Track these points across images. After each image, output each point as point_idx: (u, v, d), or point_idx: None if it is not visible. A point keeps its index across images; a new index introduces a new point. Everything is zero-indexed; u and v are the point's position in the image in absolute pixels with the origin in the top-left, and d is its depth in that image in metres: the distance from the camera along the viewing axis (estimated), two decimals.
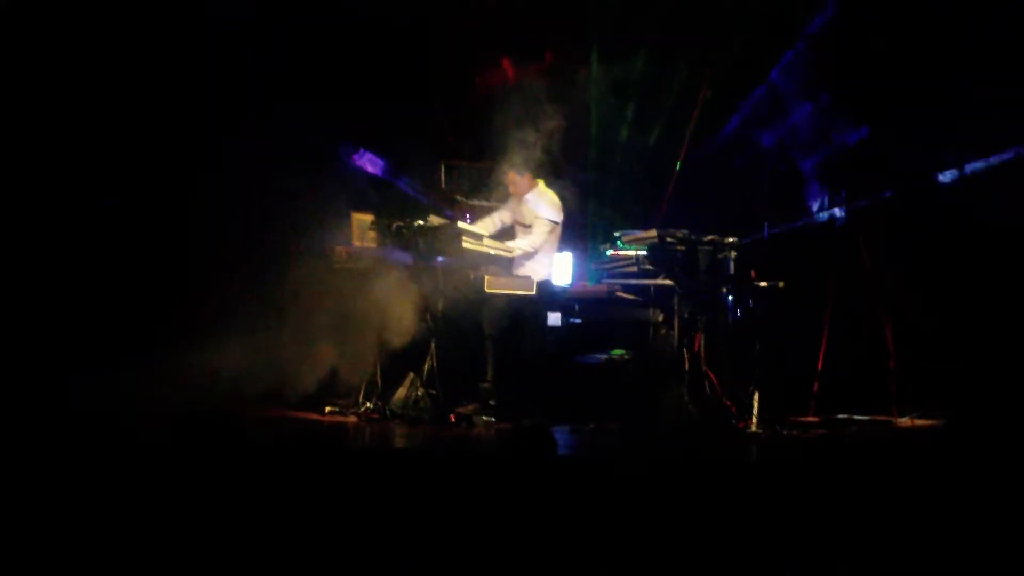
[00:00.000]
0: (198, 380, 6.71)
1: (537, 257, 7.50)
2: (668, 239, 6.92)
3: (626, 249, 7.15)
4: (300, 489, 2.95)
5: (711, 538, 4.51)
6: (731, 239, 6.92)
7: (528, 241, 7.45)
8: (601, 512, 4.36)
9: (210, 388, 6.66)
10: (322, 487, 2.96)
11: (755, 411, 6.82)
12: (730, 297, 6.99)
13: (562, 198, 7.64)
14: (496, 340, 7.23)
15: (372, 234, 7.21)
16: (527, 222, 7.54)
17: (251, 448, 3.05)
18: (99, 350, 6.92)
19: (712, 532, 4.54)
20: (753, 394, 6.85)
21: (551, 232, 7.52)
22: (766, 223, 7.89)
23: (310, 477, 2.96)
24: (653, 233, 6.99)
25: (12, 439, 4.96)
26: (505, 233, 7.64)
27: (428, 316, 7.06)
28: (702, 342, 6.93)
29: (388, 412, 7.00)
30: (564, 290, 7.78)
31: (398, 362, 7.18)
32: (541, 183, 7.61)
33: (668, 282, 6.97)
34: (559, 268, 7.88)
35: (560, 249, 7.80)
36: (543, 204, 7.53)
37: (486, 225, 7.63)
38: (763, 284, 7.02)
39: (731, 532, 4.54)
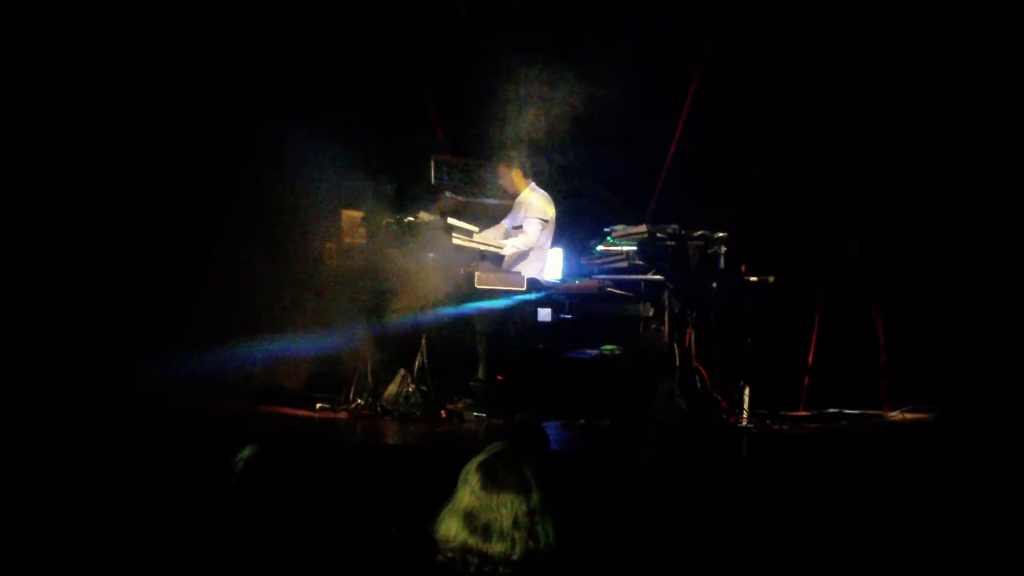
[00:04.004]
0: (188, 379, 6.70)
1: (530, 256, 7.51)
2: (658, 234, 6.93)
3: (616, 245, 7.16)
4: (290, 484, 2.94)
5: (701, 533, 4.51)
6: (721, 234, 6.93)
7: (522, 240, 7.46)
8: (592, 507, 4.35)
9: (201, 386, 6.65)
10: (312, 482, 2.96)
11: (746, 405, 6.84)
12: (720, 292, 7.00)
13: (553, 195, 7.66)
14: (487, 336, 7.23)
15: (362, 231, 7.20)
16: (519, 223, 7.55)
17: (241, 445, 3.04)
18: (92, 349, 6.90)
19: (702, 527, 4.54)
20: (744, 388, 6.87)
21: (543, 230, 7.52)
22: None
23: (300, 472, 2.96)
24: (643, 228, 7.00)
25: (12, 439, 4.94)
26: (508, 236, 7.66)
27: (419, 312, 7.04)
28: (692, 337, 6.95)
29: (379, 408, 7.00)
30: (554, 285, 7.78)
31: (389, 358, 7.17)
32: (532, 183, 7.62)
33: (658, 277, 6.97)
34: (551, 264, 7.88)
35: (551, 245, 7.81)
36: (534, 203, 7.54)
37: (496, 234, 7.63)
38: (753, 279, 7.03)
39: (721, 526, 4.55)
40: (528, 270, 7.39)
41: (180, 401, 6.24)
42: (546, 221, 7.53)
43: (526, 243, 7.44)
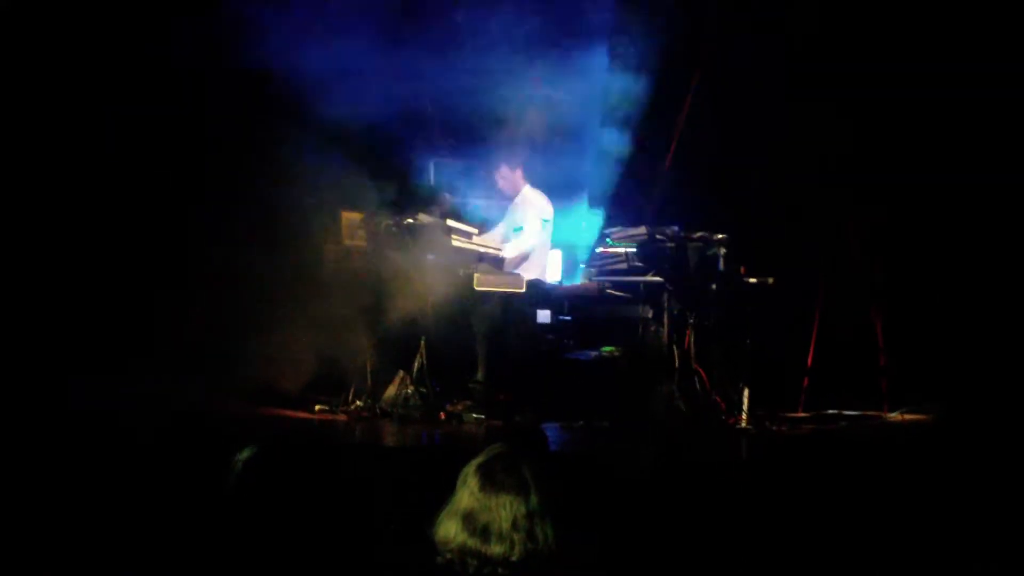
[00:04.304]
0: (188, 379, 6.69)
1: (532, 257, 7.51)
2: (658, 236, 6.93)
3: (616, 246, 7.16)
4: (289, 486, 2.95)
5: (701, 534, 4.51)
6: (720, 235, 6.93)
7: (525, 240, 7.45)
8: (591, 509, 4.36)
9: (201, 387, 6.65)
10: (311, 484, 2.97)
11: (745, 407, 6.84)
12: (720, 293, 7.00)
13: (550, 197, 7.68)
14: (486, 338, 7.23)
15: (362, 232, 7.20)
16: (519, 223, 7.56)
17: (241, 445, 3.05)
18: (93, 351, 6.90)
19: (702, 528, 4.55)
20: (743, 390, 6.86)
21: (542, 231, 7.53)
22: None
23: (299, 474, 2.97)
24: (643, 230, 7.00)
25: (12, 440, 4.94)
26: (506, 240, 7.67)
27: (418, 314, 7.04)
28: (692, 338, 6.94)
29: (378, 410, 6.99)
30: (554, 287, 7.78)
31: (388, 360, 7.17)
32: (528, 185, 7.64)
33: (658, 279, 6.97)
34: (550, 266, 7.89)
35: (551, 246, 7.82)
36: (532, 206, 7.56)
37: (495, 237, 7.64)
38: (752, 280, 7.03)
39: (721, 528, 4.55)
40: (529, 272, 7.39)
41: (180, 401, 6.24)
42: (547, 220, 7.54)
43: (529, 243, 7.44)
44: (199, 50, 7.36)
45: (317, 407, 7.12)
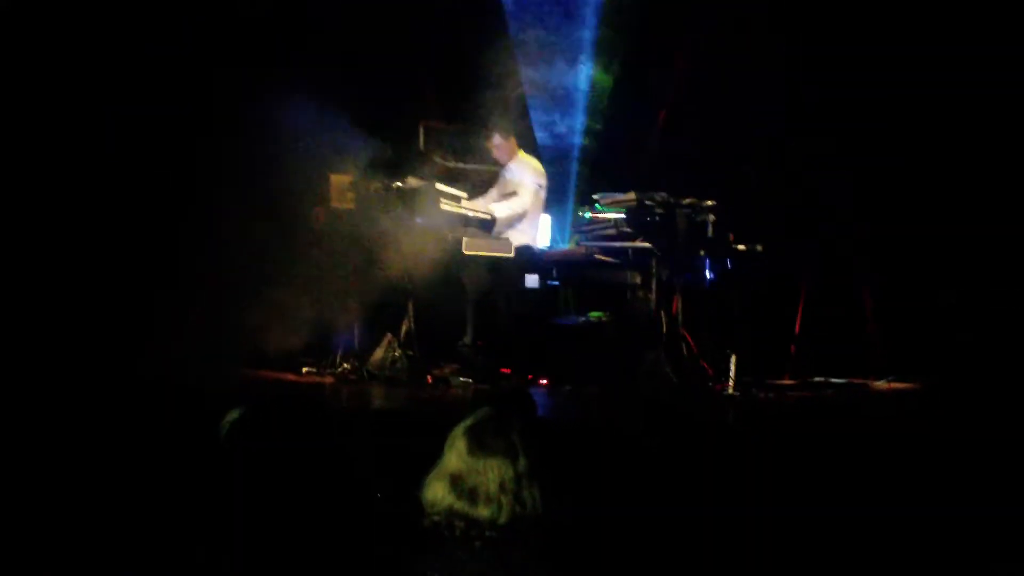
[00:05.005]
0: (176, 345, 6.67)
1: (523, 222, 7.50)
2: (646, 202, 6.91)
3: (604, 211, 7.14)
4: (276, 448, 2.94)
5: (686, 500, 4.53)
6: (710, 202, 6.91)
7: (517, 203, 7.44)
8: (577, 473, 4.37)
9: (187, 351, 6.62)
10: (298, 446, 2.97)
11: (732, 374, 6.85)
12: (708, 260, 6.99)
13: (543, 163, 7.67)
14: (475, 302, 7.23)
15: (351, 195, 7.17)
16: (510, 190, 7.54)
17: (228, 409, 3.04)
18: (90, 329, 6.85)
19: (687, 494, 4.56)
20: (730, 357, 6.87)
21: (535, 196, 7.51)
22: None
23: (286, 436, 2.97)
24: (632, 196, 6.97)
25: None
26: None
27: (406, 277, 7.04)
28: (680, 305, 6.94)
29: (365, 373, 7.01)
30: (542, 252, 7.77)
31: (376, 323, 7.17)
32: (521, 152, 7.62)
33: (646, 245, 6.96)
34: (541, 232, 7.87)
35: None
36: (526, 171, 7.56)
37: (486, 201, 7.62)
38: (741, 247, 7.03)
39: (706, 494, 4.57)
40: (520, 237, 7.38)
41: (172, 371, 6.17)
42: (540, 186, 7.54)
43: (521, 205, 7.43)
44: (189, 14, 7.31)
45: (304, 369, 7.14)
